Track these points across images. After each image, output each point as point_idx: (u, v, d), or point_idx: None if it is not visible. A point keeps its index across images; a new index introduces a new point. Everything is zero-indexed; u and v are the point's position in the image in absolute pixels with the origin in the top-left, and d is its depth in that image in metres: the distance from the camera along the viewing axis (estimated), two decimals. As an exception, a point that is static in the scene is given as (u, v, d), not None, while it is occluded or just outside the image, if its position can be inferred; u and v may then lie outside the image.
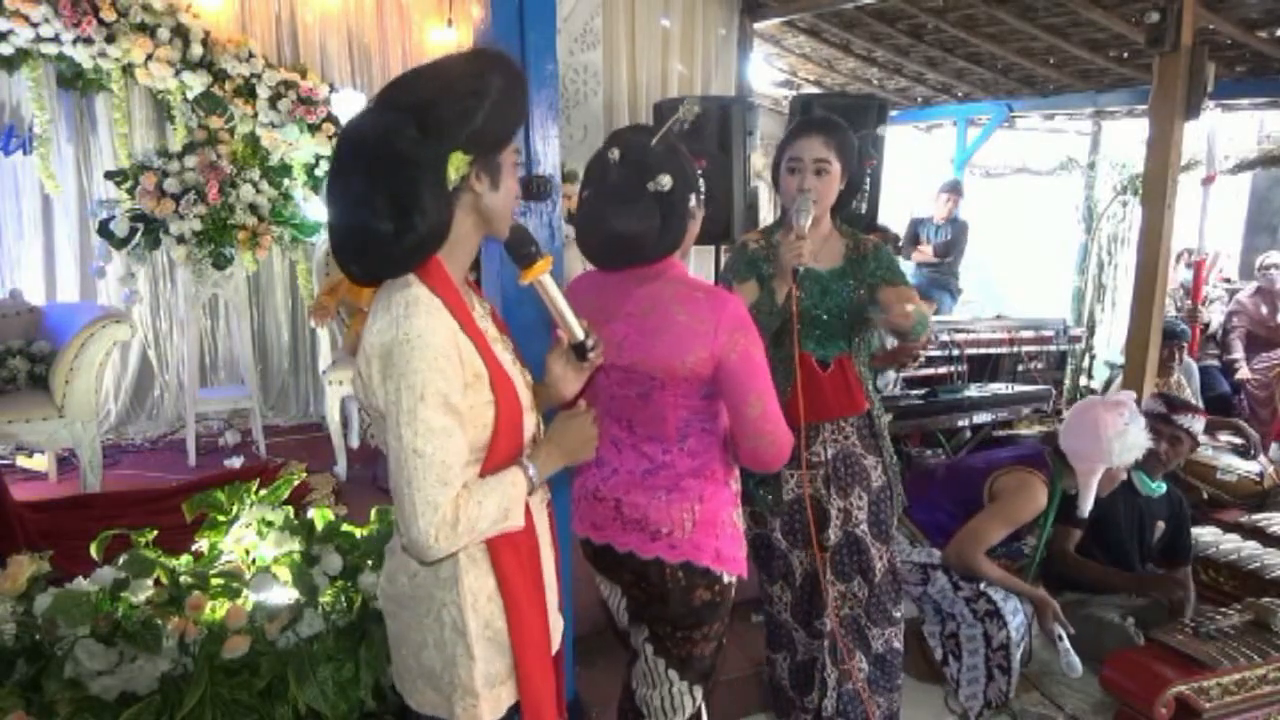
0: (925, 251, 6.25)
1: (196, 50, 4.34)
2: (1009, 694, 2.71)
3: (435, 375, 1.20)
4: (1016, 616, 2.72)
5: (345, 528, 2.58)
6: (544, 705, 1.38)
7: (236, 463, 3.97)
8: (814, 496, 2.24)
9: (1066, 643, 2.64)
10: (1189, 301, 5.54)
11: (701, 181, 1.71)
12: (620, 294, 1.67)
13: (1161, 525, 3.14)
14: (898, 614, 2.36)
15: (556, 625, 1.51)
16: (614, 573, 1.78)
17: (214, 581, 2.27)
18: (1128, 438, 2.68)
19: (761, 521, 2.30)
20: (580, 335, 1.46)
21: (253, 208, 4.18)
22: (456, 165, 1.22)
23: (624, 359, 1.65)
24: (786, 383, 2.18)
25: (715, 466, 1.69)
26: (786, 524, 2.28)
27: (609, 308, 1.67)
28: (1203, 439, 3.56)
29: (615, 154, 1.64)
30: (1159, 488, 3.10)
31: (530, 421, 1.39)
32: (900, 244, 6.15)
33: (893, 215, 6.19)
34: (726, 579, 1.72)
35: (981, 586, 2.75)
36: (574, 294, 1.69)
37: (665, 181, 1.58)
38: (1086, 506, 2.77)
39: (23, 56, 4.20)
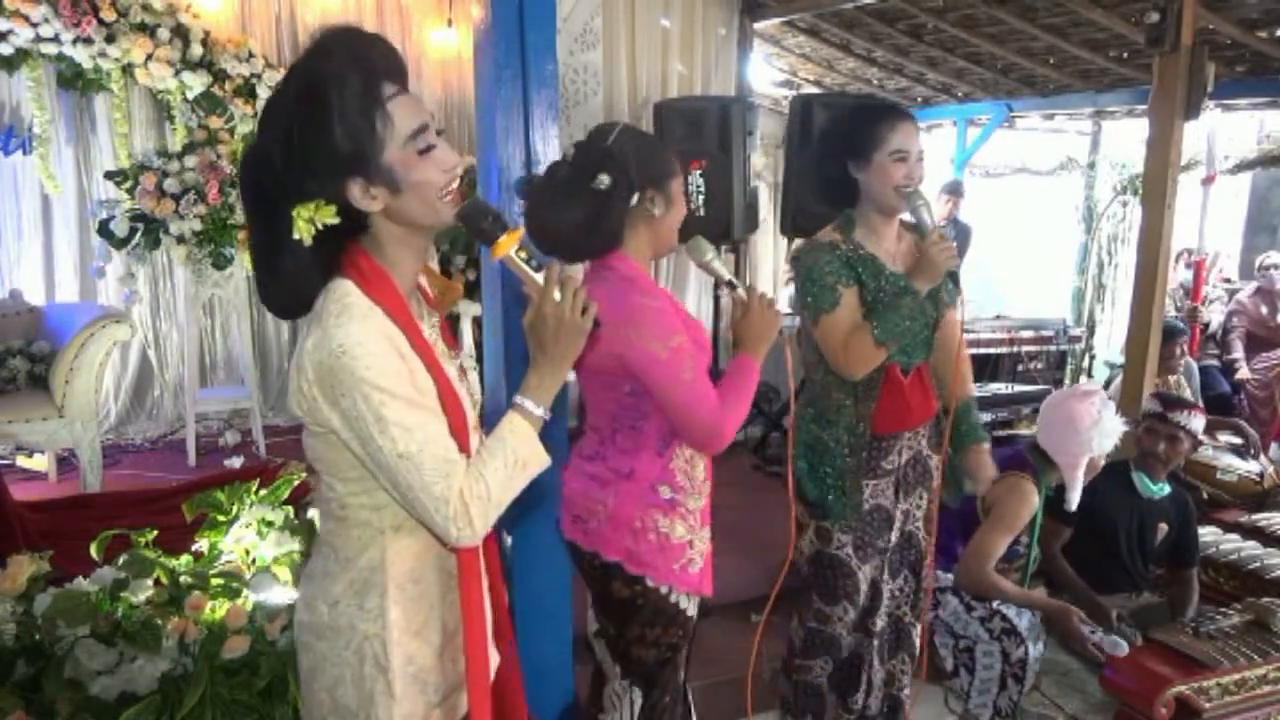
0: None
1: (196, 50, 4.34)
2: (1018, 702, 2.70)
3: (383, 377, 1.12)
4: (1033, 630, 2.71)
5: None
6: None
7: (236, 463, 3.96)
8: (882, 505, 2.20)
9: (1099, 632, 2.63)
10: (1188, 301, 5.53)
11: (703, 180, 1.74)
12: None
13: (1164, 527, 3.11)
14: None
15: (493, 659, 1.42)
16: (567, 549, 1.86)
17: (214, 581, 2.27)
18: (1104, 425, 2.68)
19: (827, 538, 2.18)
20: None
21: (252, 208, 4.18)
22: (305, 216, 1.12)
23: None
24: (872, 392, 2.11)
25: (639, 468, 1.70)
26: (859, 537, 2.18)
27: None
28: (1203, 439, 3.55)
29: (570, 151, 1.68)
30: (1160, 489, 3.08)
31: (475, 442, 1.29)
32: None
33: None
34: (650, 583, 1.70)
35: (995, 605, 2.73)
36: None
37: (604, 181, 1.59)
38: (1074, 499, 2.75)
39: (23, 56, 4.20)
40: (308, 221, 1.12)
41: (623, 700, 1.81)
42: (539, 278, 1.25)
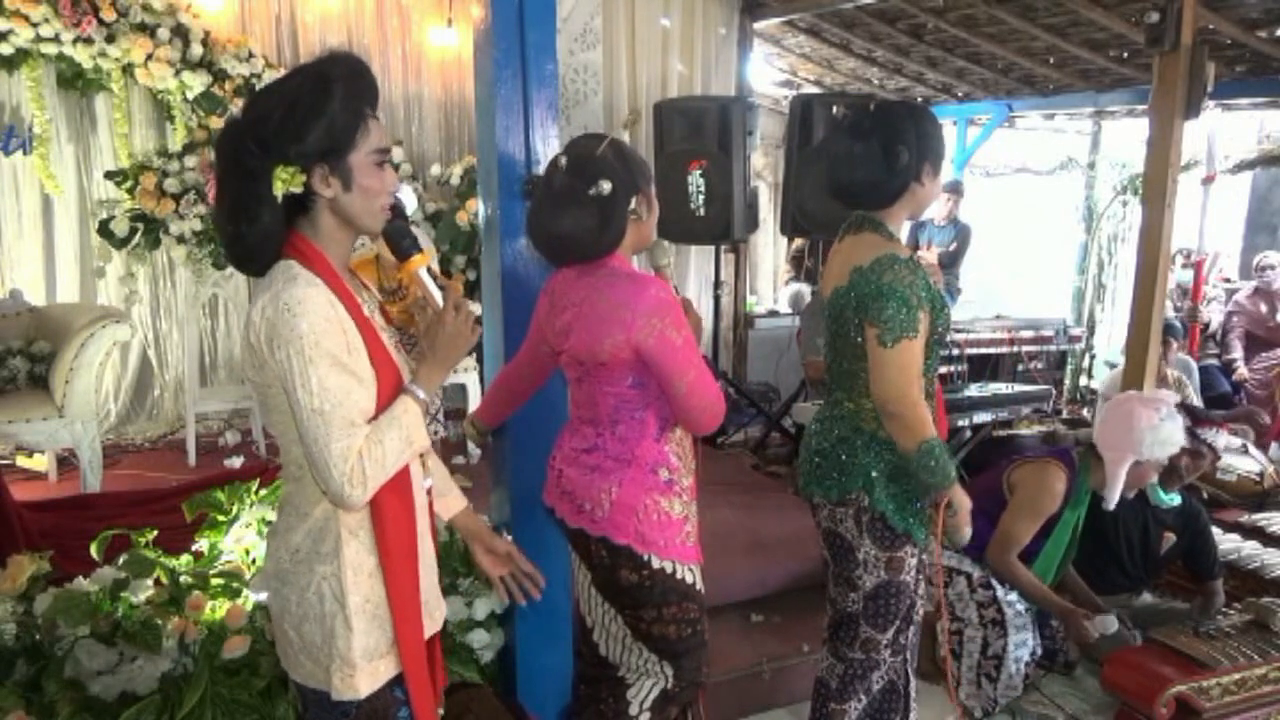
0: (928, 257, 6.23)
1: (196, 50, 4.34)
2: (996, 703, 2.70)
3: (320, 337, 1.28)
4: (1021, 634, 2.71)
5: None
6: (423, 677, 1.46)
7: (236, 463, 3.96)
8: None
9: (1098, 625, 2.66)
10: (1188, 302, 5.54)
11: (703, 180, 1.76)
12: (571, 286, 1.82)
13: (1171, 537, 3.10)
14: None
15: (438, 608, 1.58)
16: (568, 537, 1.92)
17: (214, 581, 2.27)
18: (1161, 432, 2.66)
19: (900, 567, 2.04)
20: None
21: (253, 208, 4.18)
22: (283, 177, 1.31)
23: (567, 344, 1.80)
24: (932, 403, 2.01)
25: (641, 454, 1.81)
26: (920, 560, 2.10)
27: (563, 298, 1.83)
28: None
29: (563, 160, 1.77)
30: (1171, 499, 3.08)
31: None
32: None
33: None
34: (657, 564, 1.80)
35: (997, 594, 2.74)
36: (549, 287, 1.90)
37: (605, 187, 1.70)
38: (1113, 499, 2.74)
39: (23, 56, 4.19)
40: (283, 182, 1.31)
41: (653, 666, 1.90)
42: (439, 295, 1.47)
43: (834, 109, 4.47)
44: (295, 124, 1.29)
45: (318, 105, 1.31)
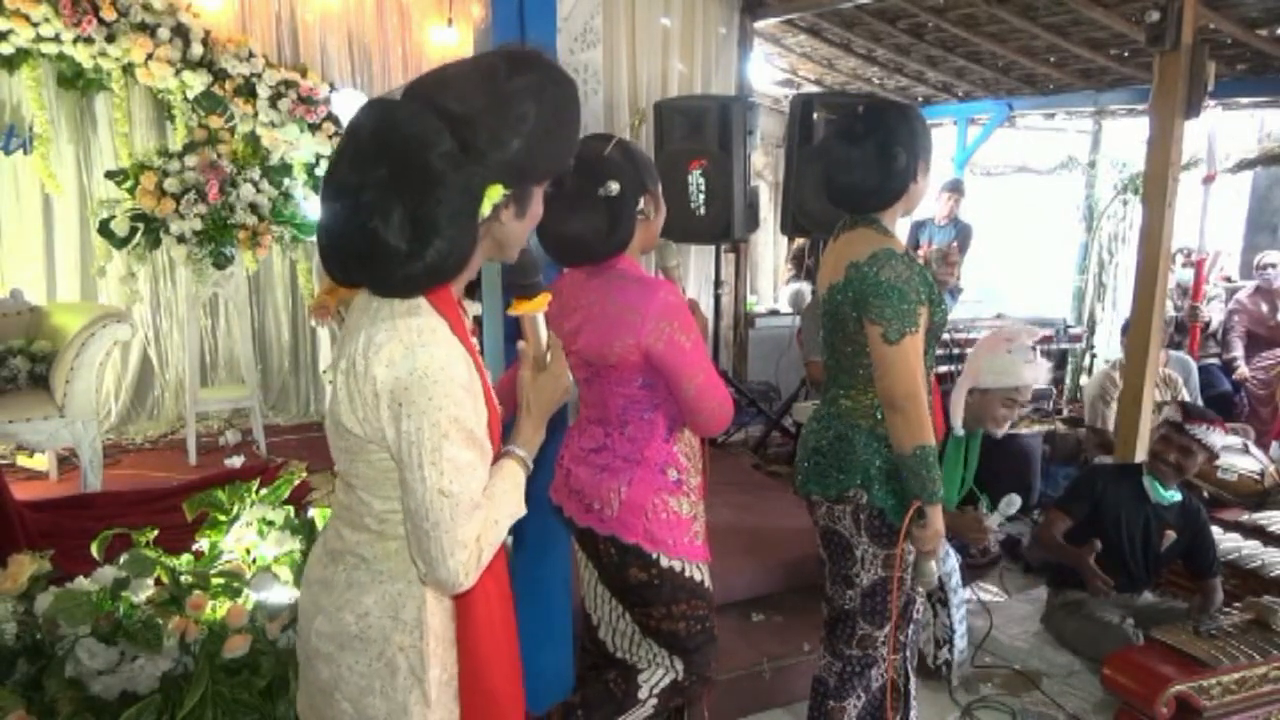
0: (928, 257, 6.22)
1: (196, 50, 4.33)
2: (954, 630, 2.73)
3: (458, 410, 1.12)
4: (946, 553, 2.75)
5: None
6: None
7: (237, 462, 3.97)
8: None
9: (997, 513, 2.60)
10: (1188, 301, 5.53)
11: (703, 180, 1.75)
12: (580, 287, 1.83)
13: (1172, 534, 3.10)
14: None
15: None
16: (575, 535, 1.93)
17: (214, 581, 2.27)
18: (997, 361, 2.62)
19: (894, 563, 2.03)
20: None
21: (253, 207, 4.18)
22: (493, 197, 1.12)
23: (576, 345, 1.81)
24: (930, 398, 2.01)
25: (650, 454, 1.82)
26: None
27: (572, 300, 1.83)
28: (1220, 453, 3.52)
29: (570, 161, 1.71)
30: (1171, 496, 3.07)
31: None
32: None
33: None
34: (666, 562, 1.81)
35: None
36: (557, 288, 1.87)
37: (613, 188, 1.71)
38: (955, 422, 2.66)
39: (23, 56, 4.19)
40: (491, 202, 1.13)
41: (663, 659, 1.91)
42: (545, 338, 1.33)
43: (814, 114, 4.46)
44: (522, 135, 1.09)
45: (555, 124, 1.13)
